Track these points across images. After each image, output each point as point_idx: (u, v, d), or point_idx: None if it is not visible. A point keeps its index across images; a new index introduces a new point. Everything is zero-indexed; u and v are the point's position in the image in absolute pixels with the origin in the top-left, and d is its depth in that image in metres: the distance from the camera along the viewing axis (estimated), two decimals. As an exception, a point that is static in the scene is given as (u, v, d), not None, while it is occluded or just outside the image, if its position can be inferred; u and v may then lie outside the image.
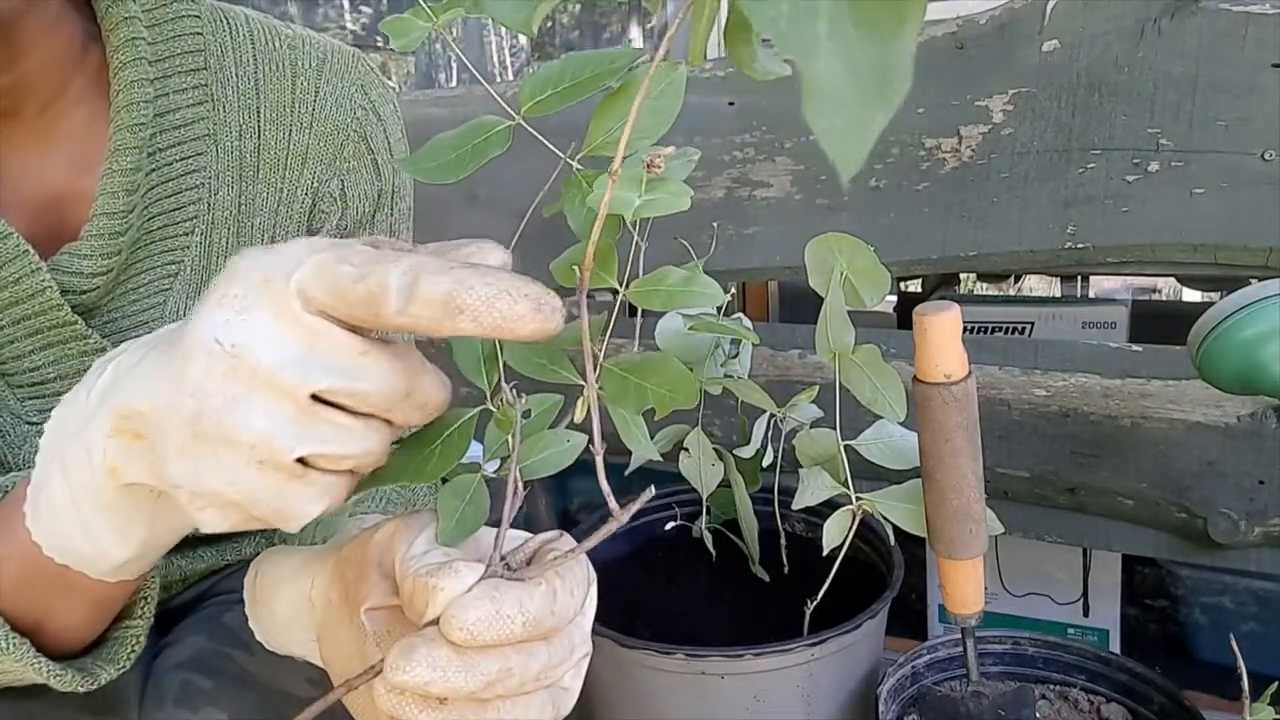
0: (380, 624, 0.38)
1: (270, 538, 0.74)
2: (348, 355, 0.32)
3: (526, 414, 0.39)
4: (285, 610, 0.45)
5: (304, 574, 0.44)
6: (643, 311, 0.69)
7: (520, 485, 0.37)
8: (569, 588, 0.35)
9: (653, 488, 0.37)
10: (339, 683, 0.41)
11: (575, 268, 0.35)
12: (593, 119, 0.35)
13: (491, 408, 0.39)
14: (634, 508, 0.36)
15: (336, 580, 0.41)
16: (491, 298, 0.30)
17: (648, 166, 0.33)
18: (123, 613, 0.49)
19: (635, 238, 0.36)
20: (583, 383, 0.37)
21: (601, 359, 0.37)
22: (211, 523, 0.34)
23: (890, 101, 0.17)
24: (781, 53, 0.18)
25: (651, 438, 0.72)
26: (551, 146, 0.36)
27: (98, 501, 0.36)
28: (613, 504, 0.36)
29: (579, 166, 0.36)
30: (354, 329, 0.32)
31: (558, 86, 0.36)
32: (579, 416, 0.38)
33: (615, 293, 0.38)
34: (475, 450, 0.39)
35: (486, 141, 0.37)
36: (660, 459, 0.48)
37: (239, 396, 0.31)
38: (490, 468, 0.40)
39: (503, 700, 0.34)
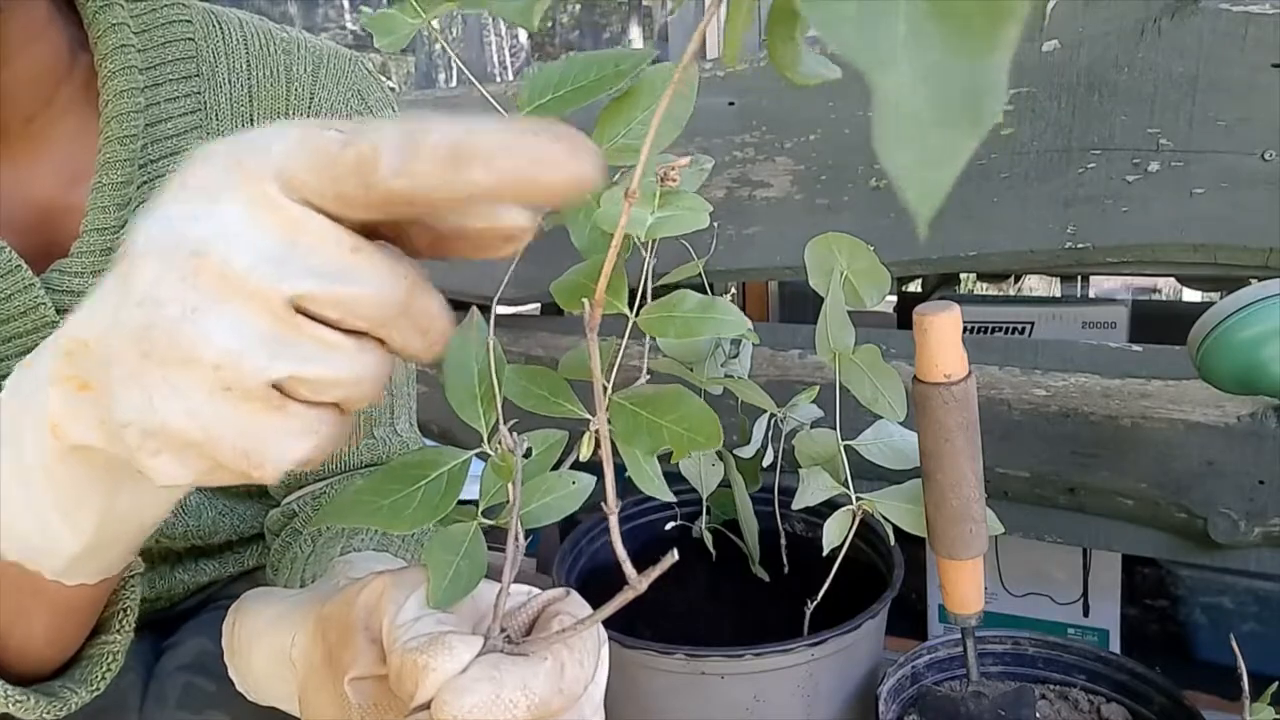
0: (366, 696, 0.34)
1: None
2: (336, 252, 0.26)
3: (527, 453, 0.35)
4: (264, 664, 0.42)
5: (283, 627, 0.40)
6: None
7: (521, 539, 0.33)
8: (578, 659, 0.32)
9: (675, 553, 0.31)
10: None
11: (585, 301, 0.31)
12: (598, 125, 0.32)
13: (489, 450, 0.34)
14: (654, 575, 0.31)
15: (319, 641, 0.37)
16: (510, 139, 0.24)
17: (661, 179, 0.30)
18: (98, 627, 0.46)
19: (645, 256, 0.32)
20: (588, 416, 0.33)
21: (610, 391, 0.33)
22: (167, 473, 0.28)
23: (982, 126, 0.13)
24: (847, 61, 0.14)
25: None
26: None
27: (44, 476, 0.31)
28: (629, 570, 0.31)
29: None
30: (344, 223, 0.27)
31: (559, 90, 0.33)
32: (585, 454, 0.34)
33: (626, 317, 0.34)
34: (472, 479, 0.35)
35: None
36: (674, 499, 0.44)
37: (200, 306, 0.25)
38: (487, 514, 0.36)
39: None
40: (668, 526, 0.85)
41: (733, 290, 1.36)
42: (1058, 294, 1.97)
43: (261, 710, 0.62)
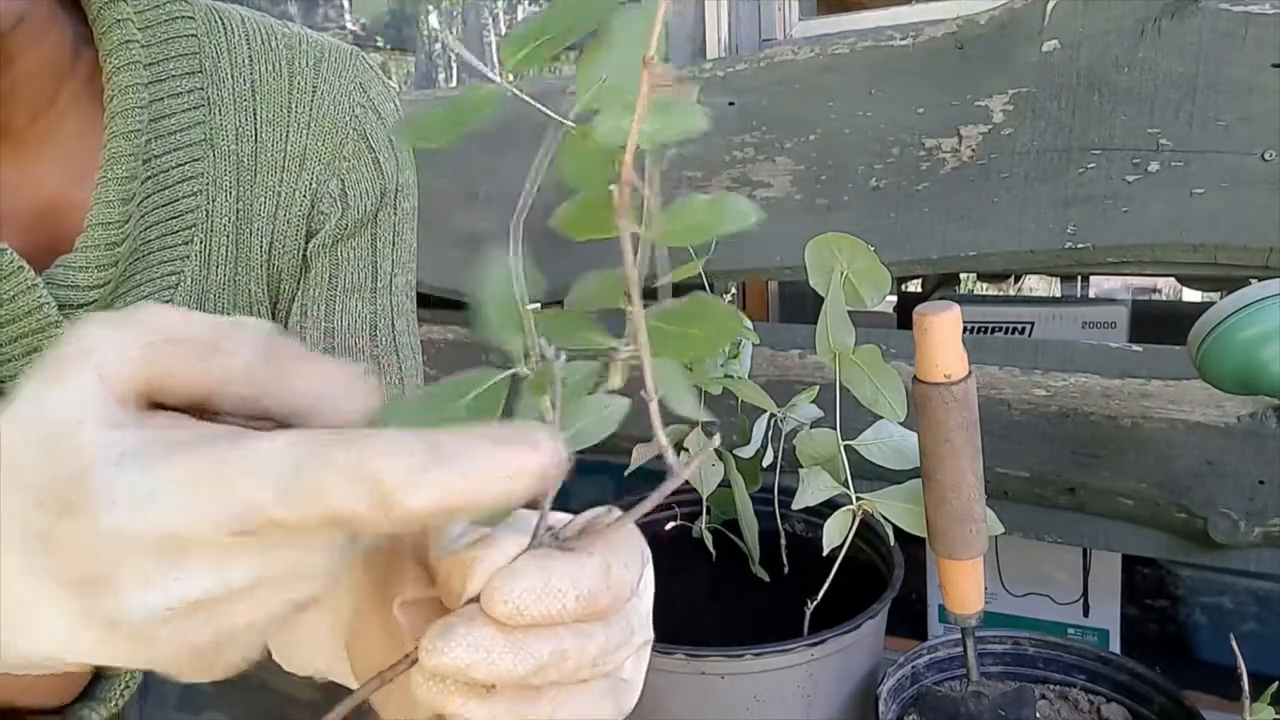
0: (417, 618, 0.33)
1: None
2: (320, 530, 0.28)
3: (562, 383, 0.35)
4: (307, 620, 0.41)
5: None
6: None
7: (563, 450, 0.34)
8: (623, 560, 0.31)
9: (718, 437, 0.32)
10: (381, 715, 0.38)
11: (613, 189, 0.31)
12: (579, 70, 0.31)
13: (524, 370, 0.35)
14: (694, 464, 0.31)
15: (365, 576, 0.38)
16: (488, 489, 0.26)
17: (653, 85, 0.29)
18: None
19: (646, 175, 0.32)
20: (614, 344, 0.33)
21: (636, 313, 0.33)
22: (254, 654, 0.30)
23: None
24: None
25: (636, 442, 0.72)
26: (548, 111, 0.33)
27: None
28: (671, 458, 0.31)
29: (572, 126, 0.32)
30: None
31: (539, 39, 0.32)
32: (616, 382, 0.34)
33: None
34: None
35: (476, 103, 0.33)
36: (709, 416, 0.43)
37: (232, 609, 0.28)
38: None
39: (558, 690, 0.30)
40: (668, 526, 0.85)
41: (733, 290, 1.36)
42: (1058, 294, 1.97)
43: (263, 711, 0.62)
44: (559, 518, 0.34)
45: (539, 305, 0.38)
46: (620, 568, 0.31)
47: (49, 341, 0.53)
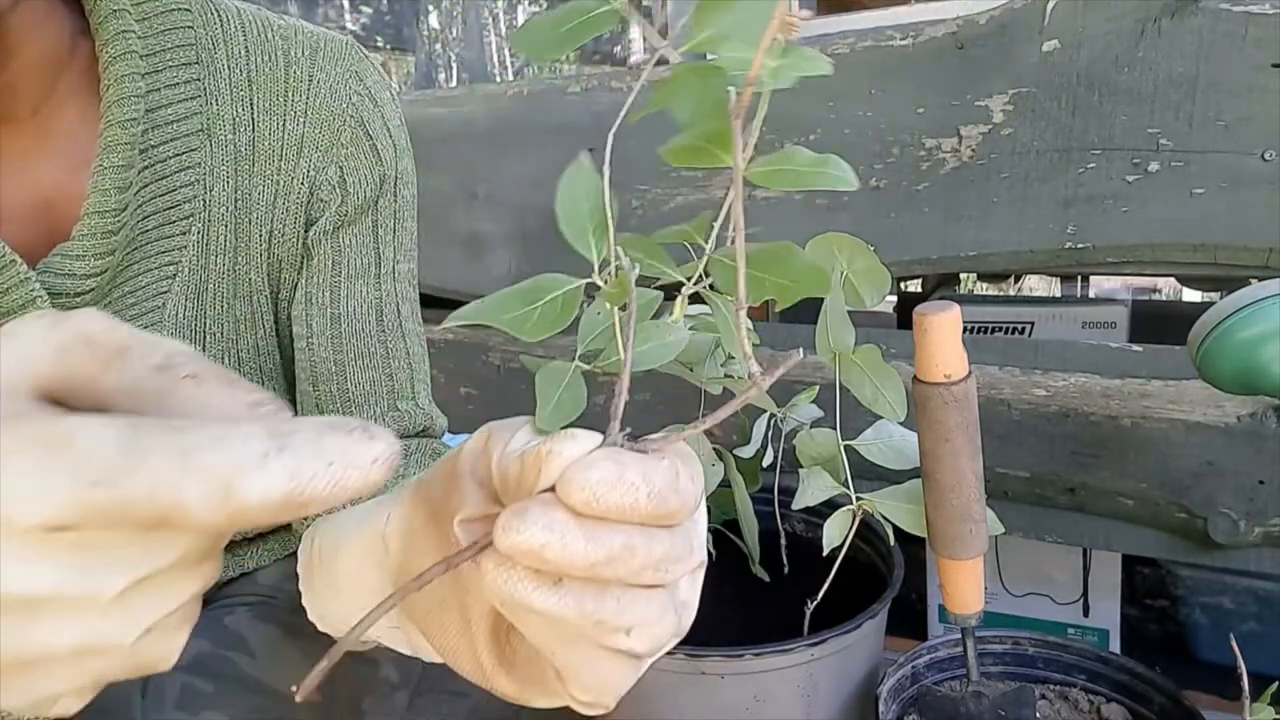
0: (476, 536, 0.33)
1: (279, 548, 0.74)
2: (134, 547, 0.27)
3: (624, 307, 0.35)
4: (351, 563, 0.41)
5: (376, 514, 0.40)
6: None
7: (628, 370, 0.33)
8: (689, 472, 0.31)
9: (801, 350, 0.32)
10: (426, 633, 0.37)
11: (696, 147, 0.31)
12: (698, 10, 0.31)
13: (598, 282, 0.35)
14: (778, 372, 0.31)
15: (420, 505, 0.37)
16: (341, 480, 0.25)
17: (782, 26, 0.29)
18: None
19: (759, 117, 0.32)
20: (684, 279, 0.33)
21: (710, 250, 0.34)
22: (67, 710, 0.29)
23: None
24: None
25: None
26: (659, 42, 0.33)
27: None
28: (754, 367, 0.31)
29: (680, 58, 0.32)
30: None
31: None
32: (677, 316, 0.35)
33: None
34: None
35: (591, 20, 0.33)
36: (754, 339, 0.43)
37: (23, 625, 0.26)
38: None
39: (623, 591, 0.30)
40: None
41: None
42: (1058, 294, 1.97)
43: (262, 712, 0.62)
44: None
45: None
46: (687, 478, 0.31)
47: None
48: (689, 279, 0.34)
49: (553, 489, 0.30)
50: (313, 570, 0.45)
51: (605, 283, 0.35)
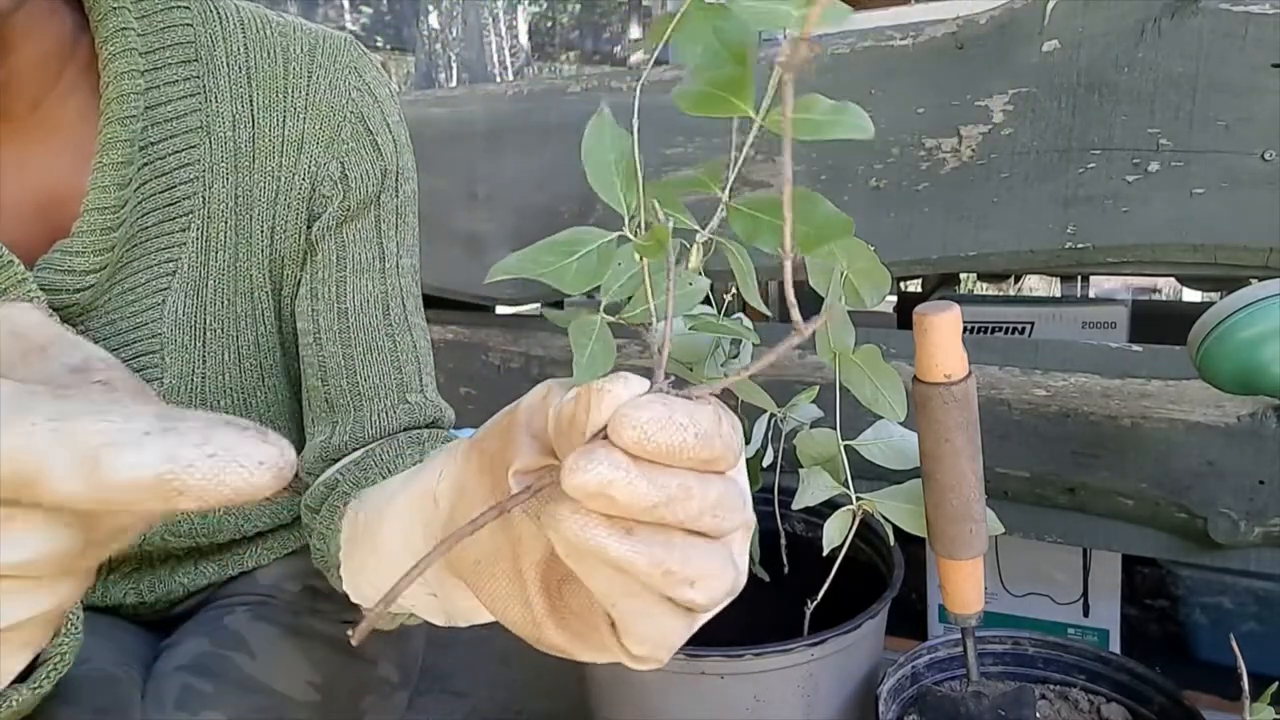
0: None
1: (278, 546, 0.74)
2: None
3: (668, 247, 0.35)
4: (397, 524, 0.42)
5: (425, 473, 0.41)
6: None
7: (667, 323, 0.33)
8: (731, 420, 0.32)
9: (814, 323, 0.33)
10: (475, 584, 0.37)
11: (708, 94, 0.30)
12: None
13: (628, 234, 0.35)
14: (817, 323, 0.31)
15: (474, 458, 0.38)
16: (219, 473, 0.24)
17: None
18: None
19: (776, 71, 0.32)
20: (697, 228, 0.33)
21: (727, 198, 0.34)
22: None
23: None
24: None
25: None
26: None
27: None
28: (796, 315, 0.31)
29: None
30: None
31: None
32: (694, 263, 0.35)
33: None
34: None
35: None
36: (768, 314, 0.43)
37: None
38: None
39: (688, 543, 0.31)
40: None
41: (733, 290, 1.36)
42: (1058, 294, 1.97)
43: (261, 712, 0.62)
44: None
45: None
46: (729, 426, 0.32)
47: None
48: (704, 227, 0.34)
49: (605, 437, 0.30)
50: (356, 541, 0.45)
51: (635, 234, 0.35)
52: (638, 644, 0.34)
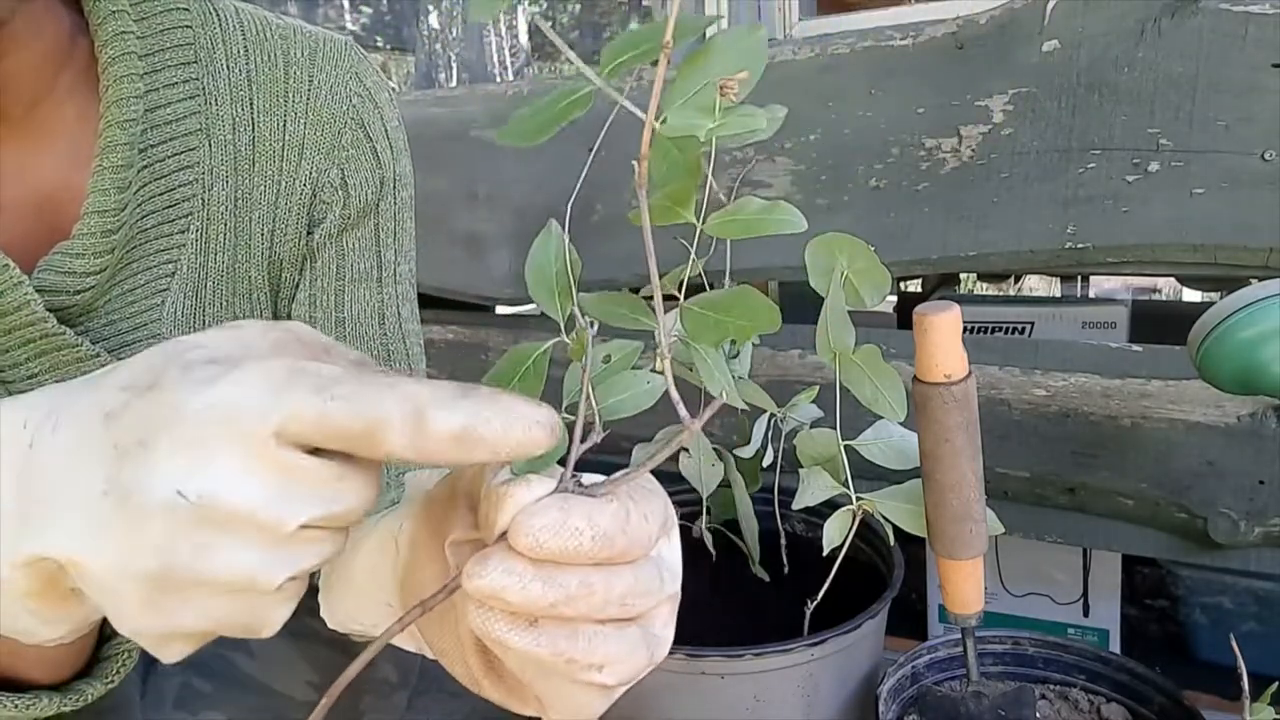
0: (464, 557, 0.36)
1: None
2: (327, 485, 0.31)
3: (607, 359, 0.39)
4: (369, 560, 0.45)
5: (391, 519, 0.45)
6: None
7: (598, 419, 0.36)
8: (642, 511, 0.34)
9: (725, 395, 0.37)
10: (425, 636, 0.41)
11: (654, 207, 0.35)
12: (677, 79, 0.36)
13: (567, 340, 0.38)
14: (706, 415, 0.35)
15: (425, 519, 0.41)
16: (508, 428, 0.29)
17: (721, 90, 0.33)
18: (109, 633, 0.49)
19: (708, 174, 0.36)
20: (657, 332, 0.36)
21: (682, 300, 0.38)
22: (173, 656, 0.33)
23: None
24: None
25: (650, 438, 0.72)
26: (640, 113, 0.35)
27: (15, 605, 0.33)
28: (683, 412, 0.34)
29: (659, 128, 0.35)
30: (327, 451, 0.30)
31: (637, 49, 0.36)
32: (658, 366, 0.37)
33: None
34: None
35: (569, 105, 0.36)
36: (742, 405, 0.46)
37: (211, 543, 0.29)
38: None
39: (593, 629, 0.33)
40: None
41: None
42: (1058, 294, 1.97)
43: (260, 711, 0.62)
44: (590, 477, 0.36)
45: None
46: (639, 518, 0.33)
47: (40, 335, 0.54)
48: (665, 328, 0.37)
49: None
50: (331, 570, 0.48)
51: (572, 339, 0.38)
52: (556, 714, 0.36)
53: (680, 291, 0.39)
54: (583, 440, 0.36)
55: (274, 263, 0.63)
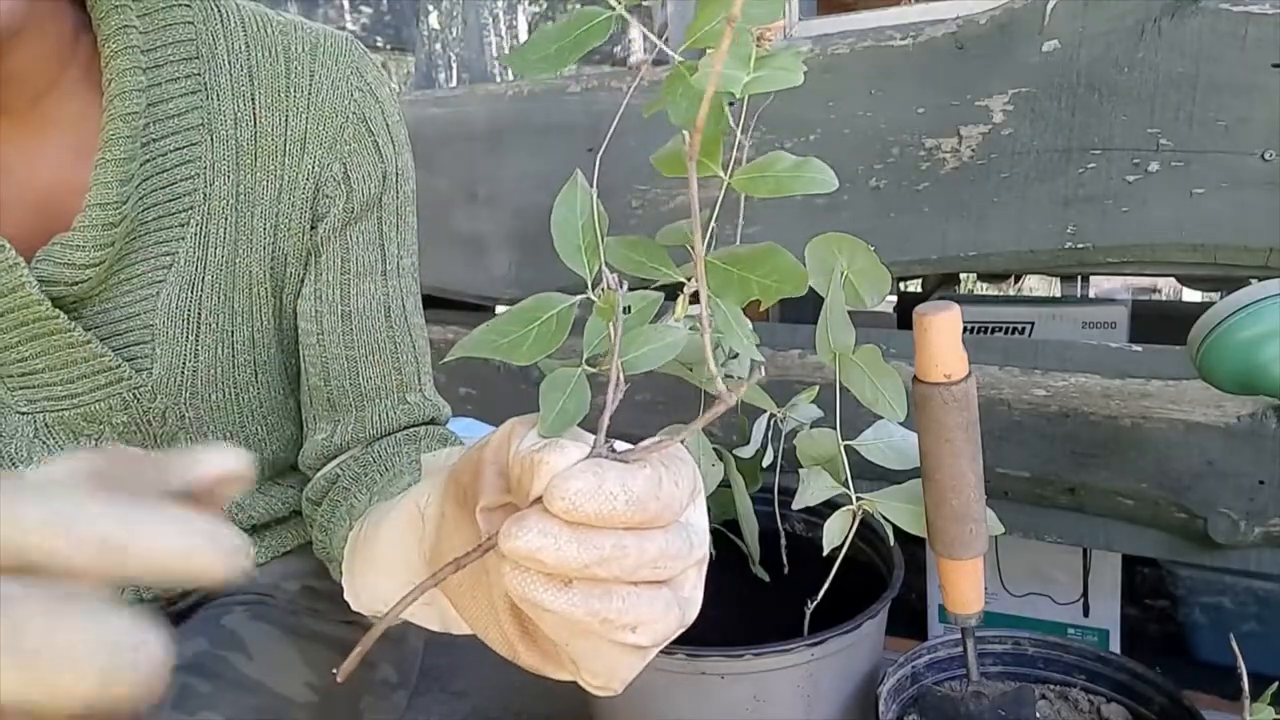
0: (496, 523, 0.36)
1: (276, 544, 0.74)
2: None
3: (627, 310, 0.37)
4: (393, 536, 0.45)
5: (416, 493, 0.45)
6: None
7: (623, 378, 0.36)
8: (673, 478, 0.34)
9: (764, 368, 0.35)
10: (458, 606, 0.41)
11: (684, 134, 0.33)
12: (698, 10, 0.34)
13: (593, 297, 0.37)
14: (743, 389, 0.34)
15: (451, 489, 0.41)
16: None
17: (758, 40, 0.31)
18: None
19: (738, 130, 0.34)
20: (684, 279, 0.35)
21: (704, 253, 0.37)
22: None
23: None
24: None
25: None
26: (668, 50, 0.34)
27: None
28: (720, 386, 0.34)
29: (680, 60, 0.33)
30: None
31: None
32: (679, 315, 0.37)
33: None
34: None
35: (588, 32, 0.34)
36: (761, 359, 0.46)
37: None
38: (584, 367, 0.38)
39: (626, 590, 0.33)
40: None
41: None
42: (1058, 294, 1.97)
43: (258, 712, 0.62)
44: (621, 444, 0.37)
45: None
46: (670, 484, 0.34)
47: (34, 319, 0.54)
48: (688, 279, 0.36)
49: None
50: (355, 551, 0.48)
51: (599, 296, 0.37)
52: (592, 676, 0.36)
53: (705, 246, 0.37)
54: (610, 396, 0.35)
55: (277, 258, 0.63)
